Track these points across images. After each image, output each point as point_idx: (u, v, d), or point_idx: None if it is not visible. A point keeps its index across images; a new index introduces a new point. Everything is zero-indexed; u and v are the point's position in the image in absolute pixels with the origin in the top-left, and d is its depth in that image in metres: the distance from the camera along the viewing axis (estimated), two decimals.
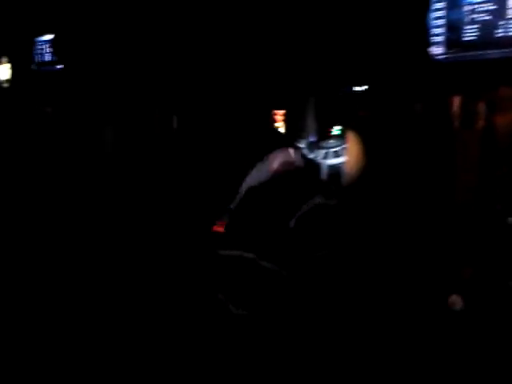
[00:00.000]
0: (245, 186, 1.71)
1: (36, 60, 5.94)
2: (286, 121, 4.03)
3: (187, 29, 4.36)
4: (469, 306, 2.25)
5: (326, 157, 1.64)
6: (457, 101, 2.94)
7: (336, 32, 3.50)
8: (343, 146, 1.63)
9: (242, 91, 4.12)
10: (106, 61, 4.92)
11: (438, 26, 2.96)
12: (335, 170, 1.64)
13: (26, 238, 4.04)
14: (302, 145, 1.68)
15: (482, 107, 2.85)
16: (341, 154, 1.64)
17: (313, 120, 1.70)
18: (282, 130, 4.06)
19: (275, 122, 4.09)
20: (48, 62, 5.85)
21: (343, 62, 3.48)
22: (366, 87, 3.44)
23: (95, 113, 4.99)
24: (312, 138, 1.68)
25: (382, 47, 3.29)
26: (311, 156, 1.65)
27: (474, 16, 2.81)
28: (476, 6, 2.80)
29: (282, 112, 4.05)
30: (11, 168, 4.99)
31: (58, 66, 5.66)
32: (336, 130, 1.62)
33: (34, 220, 4.38)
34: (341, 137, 1.65)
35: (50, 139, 5.25)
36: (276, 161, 1.69)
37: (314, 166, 1.63)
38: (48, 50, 5.82)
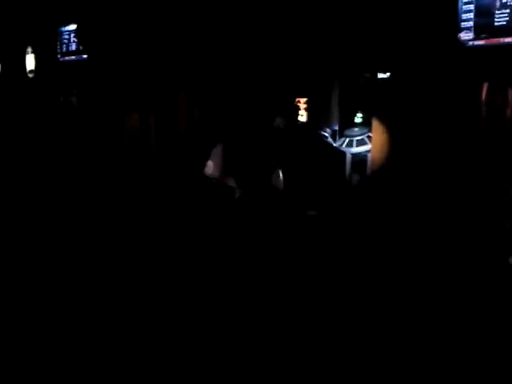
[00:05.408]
0: None
1: (61, 50, 6.00)
2: (309, 109, 3.97)
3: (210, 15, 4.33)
4: None
5: (349, 145, 1.62)
6: (485, 88, 2.86)
7: (361, 16, 3.42)
8: (368, 134, 1.60)
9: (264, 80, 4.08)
10: (131, 49, 4.93)
11: (467, 11, 2.88)
12: (359, 158, 1.62)
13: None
14: (325, 133, 1.66)
15: (510, 95, 2.77)
16: (365, 143, 1.61)
17: (336, 108, 1.67)
18: (303, 118, 4.00)
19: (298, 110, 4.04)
20: (73, 51, 5.90)
21: (368, 47, 3.41)
22: (390, 74, 3.36)
23: (120, 102, 5.00)
24: (335, 127, 1.66)
25: (409, 32, 3.22)
26: (336, 144, 1.63)
27: (505, 0, 2.72)
28: None
29: (304, 100, 3.98)
30: (32, 159, 5.02)
31: (84, 56, 5.69)
32: (358, 117, 1.59)
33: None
34: (365, 125, 1.62)
35: (75, 129, 5.29)
36: None
37: (338, 154, 1.62)
38: (73, 39, 5.86)
